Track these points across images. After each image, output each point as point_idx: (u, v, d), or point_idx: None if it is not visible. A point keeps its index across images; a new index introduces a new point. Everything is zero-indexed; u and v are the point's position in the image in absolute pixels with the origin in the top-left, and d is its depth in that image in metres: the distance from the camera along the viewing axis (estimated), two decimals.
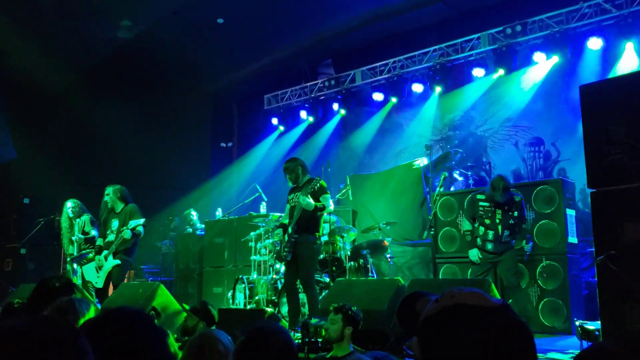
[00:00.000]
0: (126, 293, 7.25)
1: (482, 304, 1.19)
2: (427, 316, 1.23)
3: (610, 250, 3.92)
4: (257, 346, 1.99)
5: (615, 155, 4.05)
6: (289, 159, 6.99)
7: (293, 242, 6.53)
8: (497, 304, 1.21)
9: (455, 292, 1.24)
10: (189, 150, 14.41)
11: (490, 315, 1.17)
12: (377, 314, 5.37)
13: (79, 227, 8.78)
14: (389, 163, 12.22)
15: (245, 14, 11.50)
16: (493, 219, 6.53)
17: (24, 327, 1.11)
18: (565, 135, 10.28)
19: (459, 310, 1.19)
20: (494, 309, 1.19)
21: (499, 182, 6.42)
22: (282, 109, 13.95)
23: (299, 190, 6.66)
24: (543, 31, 9.93)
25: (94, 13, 10.77)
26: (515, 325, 1.18)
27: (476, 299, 1.20)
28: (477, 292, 1.23)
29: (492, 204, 6.53)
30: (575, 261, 7.16)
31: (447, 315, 1.20)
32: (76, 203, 8.93)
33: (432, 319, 1.22)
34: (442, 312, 1.21)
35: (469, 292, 1.23)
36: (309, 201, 6.38)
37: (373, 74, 12.40)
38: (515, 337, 1.16)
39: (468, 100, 11.70)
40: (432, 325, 1.21)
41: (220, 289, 10.07)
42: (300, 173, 6.76)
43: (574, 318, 6.62)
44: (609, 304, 3.98)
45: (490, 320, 1.16)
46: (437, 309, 1.22)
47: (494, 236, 6.53)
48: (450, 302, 1.22)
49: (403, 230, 9.84)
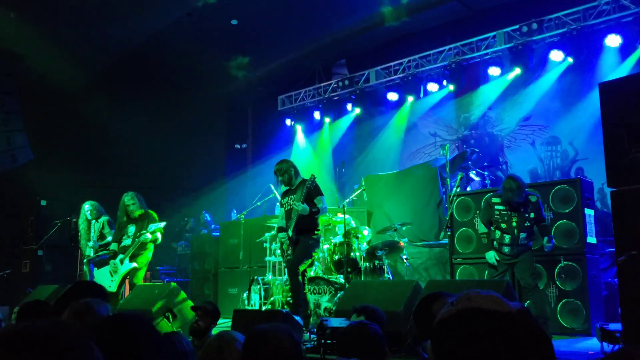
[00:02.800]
0: (142, 294, 7.27)
1: (498, 308, 1.15)
2: (442, 319, 1.19)
3: (631, 250, 3.84)
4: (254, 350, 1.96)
5: (636, 154, 3.97)
6: (280, 161, 6.96)
7: (294, 243, 6.60)
8: (514, 309, 1.16)
9: (471, 295, 1.19)
10: (204, 152, 14.46)
11: (506, 321, 1.12)
12: (394, 315, 5.32)
13: (97, 229, 8.82)
14: (404, 163, 12.16)
15: (259, 15, 11.51)
16: (509, 222, 6.42)
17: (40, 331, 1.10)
18: (583, 134, 10.14)
19: (474, 315, 1.15)
20: (511, 315, 1.14)
21: (510, 183, 6.28)
22: (296, 110, 13.94)
23: (293, 193, 6.70)
24: (560, 29, 9.81)
25: (108, 15, 10.85)
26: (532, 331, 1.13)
27: (493, 304, 1.15)
28: (494, 296, 1.18)
29: (507, 208, 6.40)
30: (595, 261, 7.05)
31: (462, 319, 1.16)
32: (94, 205, 8.98)
33: (447, 322, 1.18)
34: (456, 315, 1.17)
35: (486, 296, 1.18)
36: (305, 206, 6.47)
37: (387, 74, 12.33)
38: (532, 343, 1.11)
39: (484, 99, 11.60)
40: (446, 329, 1.17)
41: (235, 289, 10.08)
42: (292, 174, 6.77)
43: (593, 319, 6.52)
44: (630, 304, 3.90)
45: (506, 326, 1.12)
46: (452, 312, 1.18)
47: (510, 240, 6.43)
48: (465, 305, 1.17)
49: (419, 231, 9.77)
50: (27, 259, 10.81)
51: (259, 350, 1.09)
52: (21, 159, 12.03)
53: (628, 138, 4.03)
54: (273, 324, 2.13)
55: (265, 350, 1.88)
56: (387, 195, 10.31)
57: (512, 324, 1.12)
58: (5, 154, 11.96)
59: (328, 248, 8.20)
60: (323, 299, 7.47)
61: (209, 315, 5.02)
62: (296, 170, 6.88)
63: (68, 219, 10.42)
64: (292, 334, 2.12)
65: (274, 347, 1.99)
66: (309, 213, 6.50)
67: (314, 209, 6.52)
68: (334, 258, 8.01)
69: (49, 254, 10.72)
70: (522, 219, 6.36)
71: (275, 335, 2.04)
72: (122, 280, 7.90)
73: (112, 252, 8.03)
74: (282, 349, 2.00)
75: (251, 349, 1.98)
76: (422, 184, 10.01)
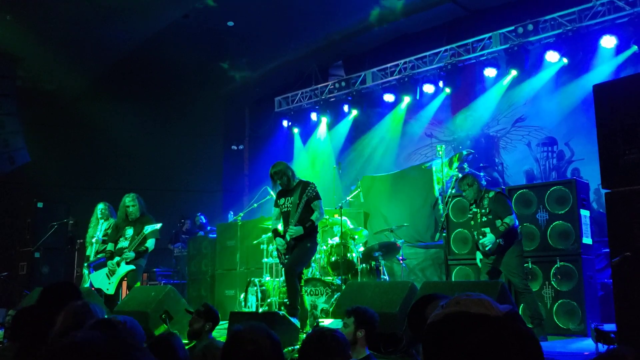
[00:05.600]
0: (138, 296, 7.27)
1: (486, 312, 1.16)
2: (431, 323, 1.20)
3: (626, 252, 3.86)
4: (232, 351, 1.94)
5: (630, 155, 3.99)
6: (274, 165, 6.88)
7: (292, 247, 6.56)
8: (502, 313, 1.17)
9: (460, 299, 1.21)
10: (201, 153, 14.46)
11: (493, 325, 1.14)
12: (390, 316, 5.32)
13: (103, 229, 8.80)
14: (400, 164, 12.17)
15: (255, 17, 11.52)
16: (475, 219, 6.60)
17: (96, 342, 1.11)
18: (579, 135, 10.17)
19: (462, 319, 1.16)
20: (498, 319, 1.15)
21: (460, 181, 6.60)
22: (293, 111, 13.95)
23: (290, 194, 6.66)
24: (555, 30, 9.83)
25: (105, 18, 10.84)
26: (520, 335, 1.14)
27: (480, 307, 1.17)
28: (483, 300, 1.19)
29: (472, 206, 6.63)
30: (590, 262, 7.07)
31: (450, 323, 1.17)
32: (107, 206, 8.96)
33: (435, 326, 1.19)
34: (444, 319, 1.18)
35: (475, 299, 1.19)
36: (298, 228, 6.43)
37: (384, 75, 12.35)
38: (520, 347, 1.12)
39: (480, 100, 11.62)
40: (434, 333, 1.18)
41: (232, 291, 10.08)
42: (290, 176, 6.75)
43: (589, 320, 6.54)
44: (624, 305, 3.91)
45: (493, 330, 1.13)
46: (441, 316, 1.19)
47: (477, 236, 6.54)
48: (454, 309, 1.19)
49: (415, 232, 9.78)
50: (24, 261, 10.80)
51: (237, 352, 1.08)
52: (18, 161, 12.02)
53: (622, 140, 4.05)
54: (253, 324, 2.10)
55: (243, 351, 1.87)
56: (384, 197, 10.33)
57: (500, 327, 1.13)
58: (3, 156, 11.95)
59: (325, 249, 8.20)
60: (320, 300, 7.47)
61: (203, 318, 5.01)
62: (292, 171, 6.87)
63: (65, 221, 10.41)
64: (271, 334, 2.08)
65: (252, 349, 1.96)
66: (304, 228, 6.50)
67: (308, 224, 6.49)
68: (331, 259, 8.02)
69: (46, 256, 10.72)
70: (481, 214, 6.51)
71: (253, 336, 2.01)
72: (120, 283, 7.88)
73: (109, 253, 8.01)
74: (259, 349, 1.98)
75: (229, 350, 1.97)
76: (418, 185, 10.02)
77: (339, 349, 2.98)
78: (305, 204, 6.52)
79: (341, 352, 2.95)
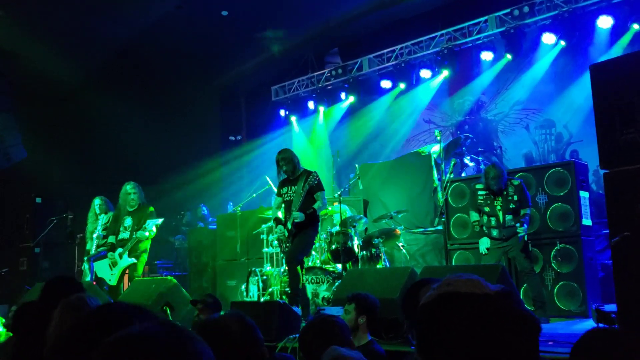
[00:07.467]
0: (140, 288, 7.28)
1: (475, 291, 1.15)
2: (423, 304, 1.19)
3: (625, 232, 3.84)
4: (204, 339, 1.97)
5: (628, 135, 3.96)
6: (281, 151, 6.88)
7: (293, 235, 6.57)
8: (492, 291, 1.16)
9: (451, 280, 1.19)
10: (199, 145, 14.41)
11: (482, 303, 1.13)
12: (390, 302, 5.32)
13: (103, 223, 8.81)
14: (399, 151, 12.15)
15: (249, 6, 11.44)
16: (492, 206, 6.62)
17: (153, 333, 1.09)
18: (577, 117, 10.14)
19: (452, 298, 1.15)
20: (489, 296, 1.14)
21: (489, 170, 6.57)
22: (290, 100, 13.89)
23: (293, 183, 6.64)
24: (551, 11, 9.76)
25: (99, 11, 10.76)
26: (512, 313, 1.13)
27: (470, 287, 1.15)
28: (473, 279, 1.18)
29: (489, 192, 6.63)
30: (590, 243, 7.07)
31: (440, 303, 1.16)
32: (104, 200, 8.99)
33: (427, 307, 1.18)
34: (435, 300, 1.17)
35: (465, 280, 1.18)
36: (300, 214, 6.46)
37: (380, 61, 12.28)
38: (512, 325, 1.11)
39: (477, 84, 11.57)
40: (425, 314, 1.18)
41: (234, 281, 10.09)
42: (296, 163, 6.74)
43: (590, 301, 6.55)
44: (625, 286, 3.91)
45: (483, 308, 1.12)
46: (432, 297, 1.18)
47: (496, 222, 6.59)
48: (444, 290, 1.17)
49: (415, 217, 9.78)
50: (24, 257, 10.81)
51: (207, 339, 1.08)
52: (15, 157, 11.98)
53: (620, 119, 4.02)
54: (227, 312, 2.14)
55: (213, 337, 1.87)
56: (383, 183, 10.31)
57: (490, 305, 1.12)
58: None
59: (325, 238, 8.21)
60: (321, 289, 7.50)
61: (209, 308, 5.02)
62: (298, 160, 6.85)
63: (64, 216, 10.39)
64: (245, 319, 2.09)
65: (222, 334, 1.97)
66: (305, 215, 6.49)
67: (309, 211, 6.50)
68: (331, 247, 8.02)
69: (46, 251, 10.72)
70: (506, 201, 6.54)
71: (224, 322, 2.03)
72: (122, 275, 7.91)
73: (109, 245, 8.03)
74: (230, 333, 1.99)
75: None
76: (417, 171, 9.99)
77: (340, 335, 2.98)
78: (307, 193, 6.51)
79: (342, 338, 2.95)
